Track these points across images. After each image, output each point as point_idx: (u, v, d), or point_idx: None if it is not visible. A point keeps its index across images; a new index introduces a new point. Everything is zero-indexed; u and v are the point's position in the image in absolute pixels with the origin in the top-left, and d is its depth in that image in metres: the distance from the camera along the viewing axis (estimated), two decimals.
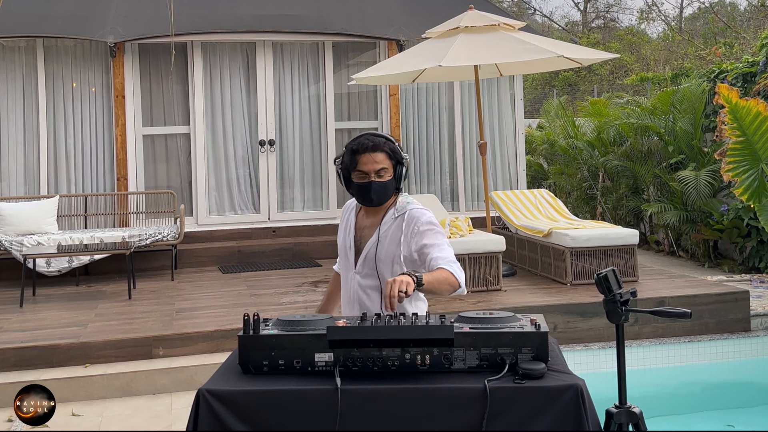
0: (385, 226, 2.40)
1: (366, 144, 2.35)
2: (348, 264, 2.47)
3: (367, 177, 2.35)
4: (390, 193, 2.40)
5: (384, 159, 2.35)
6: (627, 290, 2.04)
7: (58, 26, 7.05)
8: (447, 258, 2.28)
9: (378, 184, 2.35)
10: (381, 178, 2.35)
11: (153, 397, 4.22)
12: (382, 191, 2.36)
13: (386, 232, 2.39)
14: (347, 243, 2.48)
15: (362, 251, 2.43)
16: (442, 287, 2.20)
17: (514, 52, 5.56)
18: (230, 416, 1.91)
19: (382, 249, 2.37)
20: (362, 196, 2.39)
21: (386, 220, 2.41)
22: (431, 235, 2.34)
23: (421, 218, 2.37)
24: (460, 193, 8.08)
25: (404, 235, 2.37)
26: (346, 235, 2.49)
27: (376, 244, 2.38)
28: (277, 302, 5.41)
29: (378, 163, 2.34)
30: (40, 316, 5.20)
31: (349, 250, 2.46)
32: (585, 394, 1.90)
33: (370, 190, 2.35)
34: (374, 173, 2.34)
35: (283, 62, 7.72)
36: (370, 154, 2.34)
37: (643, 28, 22.76)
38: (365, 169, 2.35)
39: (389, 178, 2.37)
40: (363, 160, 2.34)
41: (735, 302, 5.15)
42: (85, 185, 7.24)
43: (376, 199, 2.37)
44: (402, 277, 2.06)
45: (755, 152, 5.03)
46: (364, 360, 2.00)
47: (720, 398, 4.58)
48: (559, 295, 5.29)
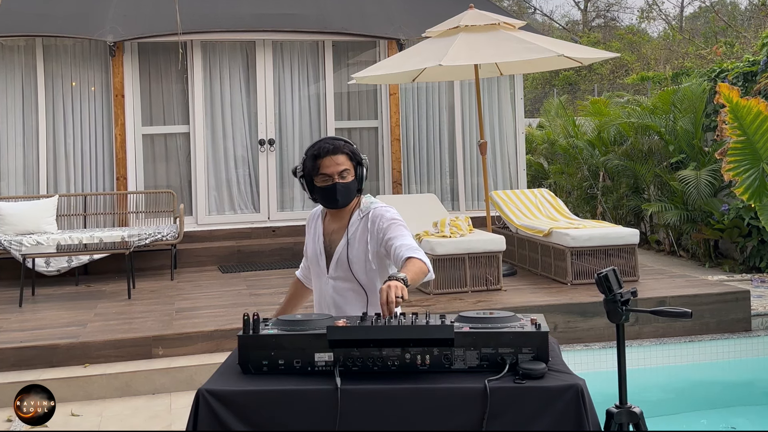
0: (353, 228, 2.45)
1: (327, 147, 2.41)
2: (319, 270, 2.51)
3: (331, 179, 2.40)
4: (353, 194, 2.45)
5: (345, 161, 2.41)
6: (627, 290, 2.04)
7: (58, 25, 7.04)
8: (410, 245, 2.33)
9: (342, 185, 2.40)
10: (344, 180, 2.41)
11: (152, 397, 4.21)
12: (346, 192, 2.41)
13: (354, 234, 2.44)
14: (317, 250, 2.52)
15: (333, 255, 2.47)
16: (419, 278, 2.24)
17: (514, 52, 5.55)
18: (230, 416, 1.91)
19: (353, 250, 2.42)
20: (327, 199, 2.44)
21: (353, 222, 2.46)
22: (394, 228, 2.39)
23: (385, 215, 2.43)
24: (460, 192, 8.07)
25: (370, 233, 2.42)
26: (315, 242, 2.54)
27: (346, 246, 2.43)
28: (277, 302, 5.38)
29: (340, 164, 2.40)
30: (39, 315, 5.19)
31: (320, 256, 2.50)
32: (585, 394, 1.90)
33: (335, 191, 2.40)
34: (337, 175, 2.39)
35: (283, 61, 7.71)
36: (331, 156, 2.40)
37: (644, 27, 22.76)
38: (328, 171, 2.39)
39: (351, 179, 2.43)
40: (325, 164, 2.40)
41: (736, 302, 5.14)
42: (85, 185, 7.23)
43: (342, 200, 2.42)
44: (395, 283, 2.08)
45: (756, 152, 5.03)
46: (364, 360, 2.00)
47: (721, 398, 4.57)
48: (559, 294, 5.28)
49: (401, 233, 2.37)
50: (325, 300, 2.50)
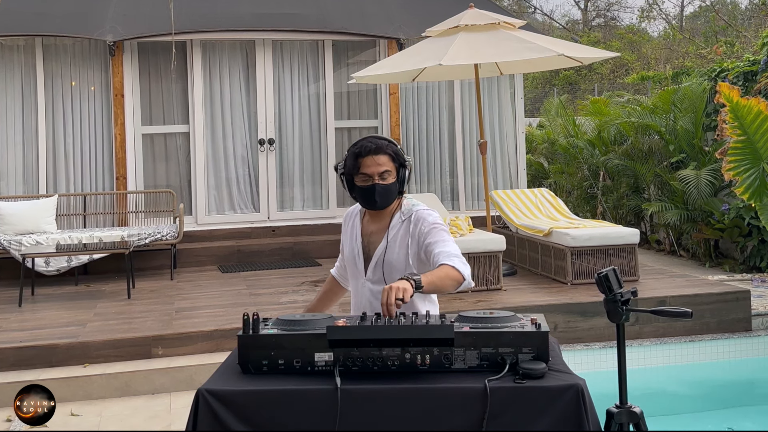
0: (393, 231, 2.39)
1: (369, 147, 2.34)
2: (357, 272, 2.45)
3: (371, 180, 2.34)
4: (394, 196, 2.39)
5: (387, 161, 2.35)
6: (628, 290, 2.03)
7: (57, 25, 7.03)
8: (449, 252, 2.26)
9: (382, 186, 2.34)
10: (384, 181, 2.34)
11: (152, 396, 4.20)
12: (386, 194, 2.35)
13: (395, 237, 2.38)
14: (355, 250, 2.45)
15: (372, 258, 2.41)
16: (444, 284, 2.18)
17: (514, 51, 5.54)
18: (230, 416, 1.90)
19: (392, 253, 2.36)
20: (366, 200, 2.38)
21: (393, 224, 2.40)
22: (435, 232, 2.33)
23: (428, 218, 2.37)
24: (461, 192, 8.06)
25: (411, 236, 2.36)
26: (353, 242, 2.47)
27: (385, 249, 2.37)
28: (277, 302, 5.39)
29: (381, 165, 2.33)
30: (38, 315, 5.19)
31: (358, 258, 2.44)
32: (586, 394, 1.89)
33: (374, 192, 2.34)
34: (378, 176, 2.33)
35: (283, 61, 7.70)
36: (373, 156, 2.33)
37: (644, 27, 22.76)
38: (368, 171, 2.34)
39: (392, 180, 2.36)
40: (366, 163, 2.34)
41: (736, 302, 5.13)
42: (84, 184, 7.23)
43: (381, 201, 2.36)
44: (399, 283, 2.05)
45: (756, 151, 5.02)
46: (364, 360, 1.99)
47: (721, 398, 4.56)
48: (559, 294, 5.27)
49: (443, 238, 2.31)
50: (362, 302, 2.44)
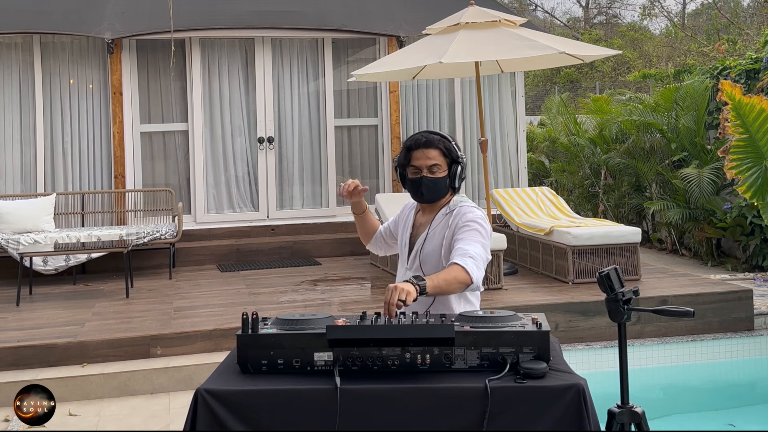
0: (436, 223, 2.45)
1: (420, 140, 2.42)
2: (403, 260, 2.53)
3: (420, 172, 2.41)
4: (443, 190, 2.44)
5: (437, 155, 2.40)
6: (629, 289, 2.03)
7: (55, 22, 7.00)
8: (466, 251, 2.26)
9: (429, 179, 2.39)
10: (433, 174, 2.40)
11: (151, 396, 4.19)
12: (433, 187, 2.41)
13: (435, 229, 2.44)
14: (404, 240, 2.54)
15: (413, 248, 2.47)
16: (451, 287, 2.18)
17: (515, 49, 5.51)
18: (229, 416, 1.90)
19: (430, 245, 2.41)
20: (414, 191, 2.45)
21: (438, 217, 2.46)
22: (467, 230, 2.36)
23: (467, 215, 2.40)
24: (461, 191, 8.01)
25: (449, 228, 2.41)
26: (404, 232, 2.56)
27: (425, 240, 2.43)
28: (276, 301, 5.37)
29: (430, 159, 2.39)
30: (36, 315, 5.17)
31: (404, 247, 2.52)
32: (587, 394, 1.89)
33: (421, 185, 2.40)
34: (426, 169, 2.40)
35: (282, 59, 7.67)
36: (423, 150, 2.40)
37: (646, 25, 22.74)
38: (418, 164, 2.41)
39: (442, 175, 2.41)
40: (416, 156, 2.41)
41: (738, 301, 5.11)
42: (83, 183, 7.20)
43: (427, 194, 2.42)
44: (403, 285, 2.06)
45: (759, 149, 4.99)
46: (363, 359, 1.99)
47: (723, 397, 4.55)
48: (560, 293, 5.25)
49: (471, 237, 2.32)
50: None
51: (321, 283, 5.99)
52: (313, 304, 5.22)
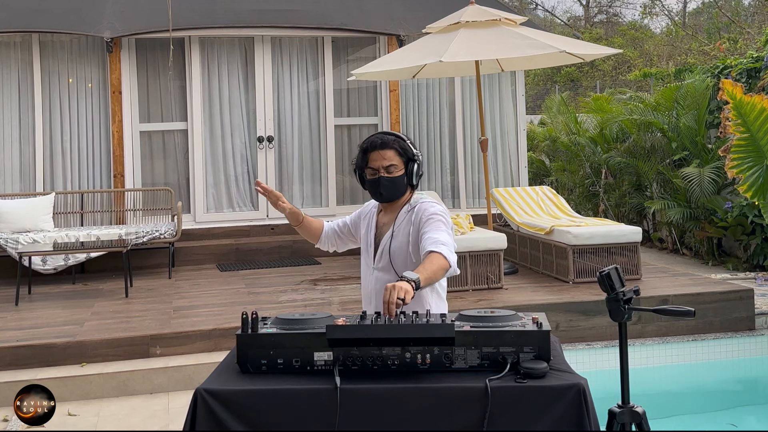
0: (399, 220, 2.51)
1: (375, 142, 2.48)
2: (368, 261, 2.57)
3: (377, 173, 2.47)
4: (401, 189, 2.50)
5: (393, 156, 2.47)
6: (630, 288, 2.02)
7: (54, 21, 6.99)
8: (437, 239, 2.32)
9: (387, 179, 2.46)
10: (390, 174, 2.46)
11: (150, 396, 4.18)
12: (391, 186, 2.47)
13: (399, 226, 2.50)
14: (368, 239, 2.59)
15: (379, 247, 2.53)
16: (437, 275, 2.23)
17: (515, 48, 5.50)
18: (228, 416, 1.90)
19: (396, 242, 2.47)
20: (373, 192, 2.51)
21: (400, 215, 2.52)
22: (432, 223, 2.42)
23: (429, 209, 2.46)
24: (461, 190, 8.02)
25: (413, 225, 2.46)
26: (368, 232, 2.60)
27: (391, 238, 2.49)
28: (276, 300, 5.36)
29: (387, 159, 2.46)
30: (35, 314, 5.16)
31: (369, 247, 2.57)
32: (587, 394, 1.89)
33: (379, 185, 2.47)
34: (383, 169, 2.46)
35: (282, 58, 7.66)
36: (379, 151, 2.47)
37: (647, 23, 22.73)
38: (375, 165, 2.47)
39: (399, 174, 2.47)
40: (373, 157, 2.48)
41: (739, 300, 5.10)
42: (82, 182, 7.19)
43: (386, 193, 2.48)
44: (401, 283, 2.07)
45: (760, 148, 4.97)
46: (363, 359, 1.99)
47: (724, 397, 4.54)
48: (561, 293, 5.24)
49: (436, 227, 2.39)
50: (368, 291, 2.55)
51: (321, 282, 5.98)
52: (313, 303, 5.21)
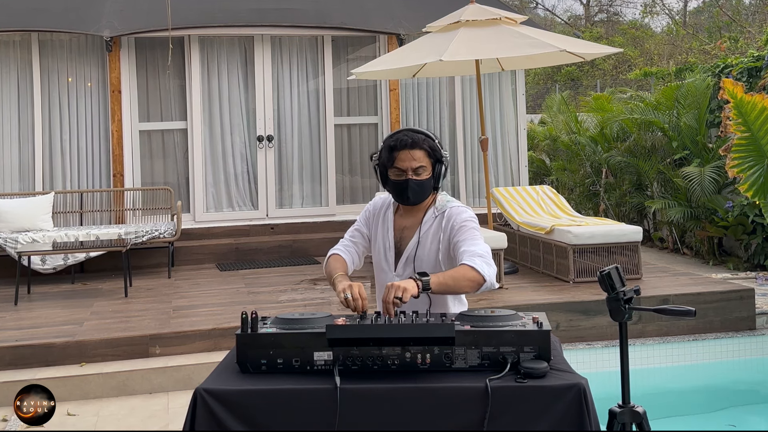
0: (426, 226, 2.36)
1: (405, 140, 2.29)
2: (387, 266, 2.39)
3: (405, 174, 2.29)
4: (428, 192, 2.34)
5: (423, 157, 2.29)
6: (630, 288, 2.01)
7: (54, 20, 6.98)
8: (473, 251, 2.21)
9: (415, 182, 2.29)
10: (419, 177, 2.29)
11: (149, 396, 4.17)
12: (419, 190, 2.31)
13: (426, 233, 2.35)
14: (386, 243, 2.40)
15: (402, 253, 2.37)
16: (459, 285, 2.13)
17: (516, 47, 5.49)
18: (228, 416, 1.89)
19: (423, 250, 2.32)
20: (399, 195, 2.34)
21: (426, 220, 2.36)
22: (465, 230, 2.29)
23: (461, 215, 2.33)
24: (461, 189, 8.01)
25: (443, 232, 2.33)
26: (385, 234, 2.41)
27: (417, 245, 2.33)
28: (276, 300, 5.35)
29: (416, 160, 2.28)
30: (35, 314, 5.15)
31: (389, 252, 2.39)
32: (587, 394, 1.88)
33: (407, 188, 2.29)
34: (412, 171, 2.29)
35: (282, 57, 7.65)
36: (408, 151, 2.28)
37: (647, 22, 22.71)
38: (403, 166, 2.29)
39: (427, 176, 2.31)
40: (401, 157, 2.29)
41: (740, 300, 5.09)
42: (81, 181, 7.18)
43: (413, 197, 2.32)
44: (401, 282, 2.03)
45: (761, 148, 4.96)
46: (363, 359, 1.98)
47: (724, 397, 4.52)
48: (561, 292, 5.23)
49: (472, 237, 2.27)
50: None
51: (320, 282, 5.97)
52: (313, 303, 5.20)
